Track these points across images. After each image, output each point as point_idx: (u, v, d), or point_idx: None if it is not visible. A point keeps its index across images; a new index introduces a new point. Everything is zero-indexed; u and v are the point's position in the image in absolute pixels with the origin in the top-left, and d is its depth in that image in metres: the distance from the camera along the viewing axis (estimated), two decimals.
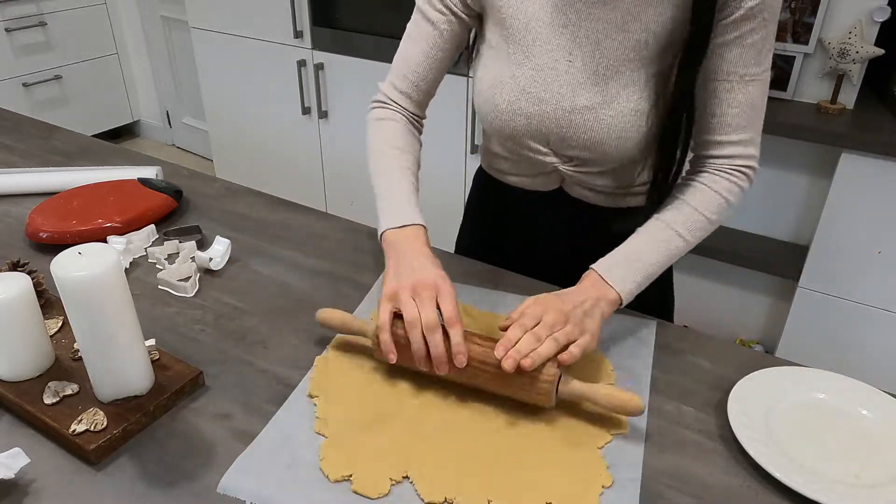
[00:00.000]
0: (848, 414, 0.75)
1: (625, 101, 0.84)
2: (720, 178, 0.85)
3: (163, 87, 3.62)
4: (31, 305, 0.74)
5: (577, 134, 0.87)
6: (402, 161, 0.93)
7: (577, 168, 0.92)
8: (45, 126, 1.55)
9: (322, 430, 0.72)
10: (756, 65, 0.80)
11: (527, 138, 0.90)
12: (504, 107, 0.89)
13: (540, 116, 0.87)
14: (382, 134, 0.98)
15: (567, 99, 0.85)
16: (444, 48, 0.94)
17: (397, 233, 0.85)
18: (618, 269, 0.82)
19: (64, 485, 0.66)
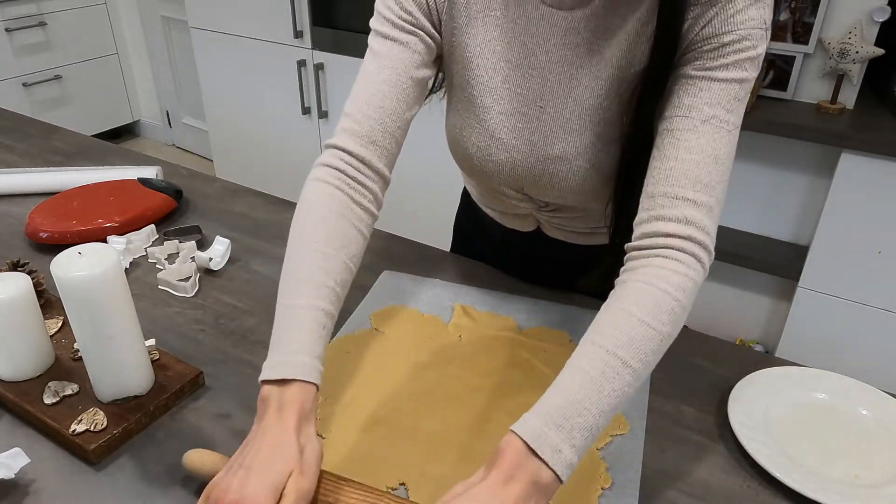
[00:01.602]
0: (848, 414, 0.75)
1: (602, 151, 0.76)
2: (668, 272, 0.62)
3: (163, 87, 3.62)
4: (31, 305, 0.74)
5: (550, 183, 0.80)
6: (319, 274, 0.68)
7: (553, 213, 0.87)
8: (45, 126, 1.55)
9: (320, 430, 0.72)
10: (726, 111, 0.66)
11: (500, 184, 0.84)
12: (473, 151, 0.82)
13: (511, 164, 0.80)
14: (312, 214, 0.71)
15: (539, 147, 0.78)
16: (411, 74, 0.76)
17: (272, 389, 0.61)
18: (548, 432, 0.56)
19: (64, 485, 0.66)
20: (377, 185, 0.75)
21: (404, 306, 0.92)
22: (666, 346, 0.62)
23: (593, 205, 0.82)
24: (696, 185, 0.64)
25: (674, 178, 0.65)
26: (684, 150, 0.66)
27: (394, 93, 0.75)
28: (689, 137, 0.66)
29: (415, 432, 0.72)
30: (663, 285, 0.62)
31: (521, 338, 0.86)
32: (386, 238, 1.09)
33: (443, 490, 0.64)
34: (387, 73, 0.76)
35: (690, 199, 0.64)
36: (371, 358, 0.83)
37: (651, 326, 0.60)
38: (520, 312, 0.91)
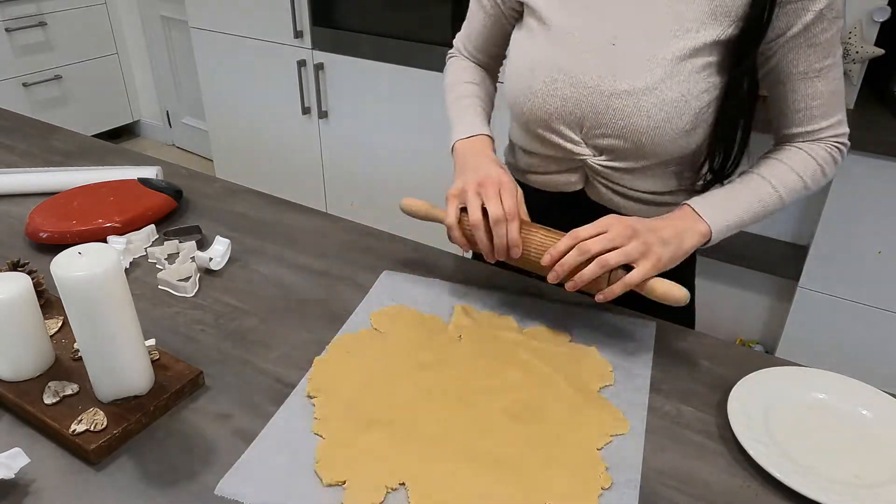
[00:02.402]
0: (848, 414, 0.75)
1: (668, 89, 0.81)
2: (816, 147, 0.86)
3: (163, 87, 3.62)
4: (31, 305, 0.74)
5: (613, 120, 0.84)
6: (471, 90, 1.00)
7: (606, 162, 0.89)
8: (45, 126, 1.55)
9: (320, 430, 0.72)
10: (831, 56, 0.81)
11: (560, 123, 0.88)
12: (539, 87, 0.87)
13: (576, 99, 0.85)
14: (455, 72, 1.04)
15: (606, 82, 0.83)
16: (496, 26, 0.99)
17: (464, 143, 0.93)
18: (712, 208, 0.82)
19: (64, 485, 0.66)
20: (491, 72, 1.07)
21: (404, 306, 0.92)
22: (805, 195, 0.87)
23: (651, 153, 0.86)
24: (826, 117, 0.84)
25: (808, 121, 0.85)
26: (810, 100, 0.83)
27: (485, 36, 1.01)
28: (811, 91, 0.82)
29: (414, 432, 0.72)
30: (813, 154, 0.86)
31: (521, 338, 0.85)
32: (386, 238, 1.09)
33: (443, 489, 0.65)
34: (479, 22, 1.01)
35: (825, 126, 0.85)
36: (371, 358, 0.82)
37: (799, 176, 0.85)
38: (520, 312, 0.91)
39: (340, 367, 0.81)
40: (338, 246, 1.07)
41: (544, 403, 0.75)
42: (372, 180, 2.52)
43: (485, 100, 1.01)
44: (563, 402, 0.75)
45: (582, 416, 0.74)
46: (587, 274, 0.76)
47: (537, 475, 0.67)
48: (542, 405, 0.75)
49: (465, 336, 0.86)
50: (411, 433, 0.71)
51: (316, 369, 0.81)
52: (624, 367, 0.81)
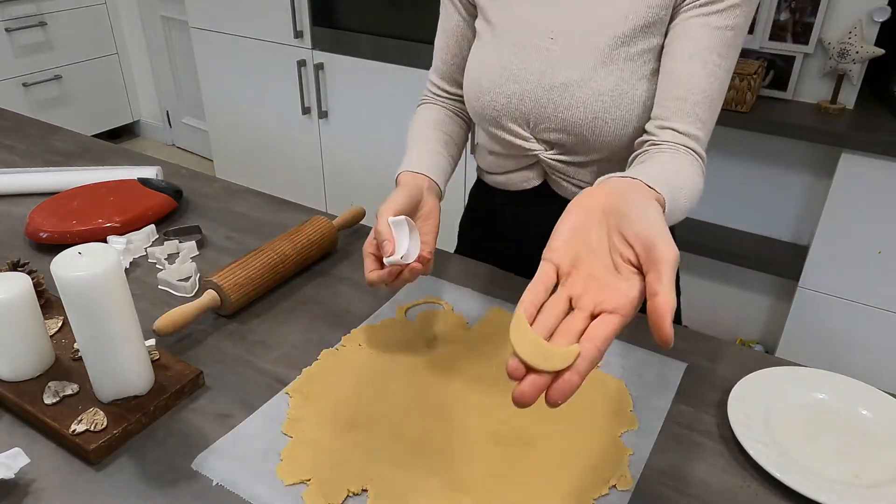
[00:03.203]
0: (848, 414, 0.75)
1: (602, 79, 0.82)
2: (692, 158, 0.78)
3: (163, 87, 3.62)
4: (31, 305, 0.74)
5: (554, 114, 0.85)
6: (425, 133, 0.97)
7: (558, 156, 0.90)
8: (45, 126, 1.55)
9: (289, 430, 0.72)
10: (719, 56, 0.77)
11: (508, 120, 0.90)
12: (487, 85, 0.89)
13: (520, 95, 0.87)
14: (416, 119, 1.01)
15: (546, 76, 0.85)
16: (464, 35, 0.96)
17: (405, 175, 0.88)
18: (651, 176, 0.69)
19: (64, 485, 0.66)
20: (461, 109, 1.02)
21: (432, 296, 0.94)
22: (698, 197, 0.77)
23: (596, 145, 0.85)
24: (697, 123, 0.78)
25: (680, 114, 0.78)
26: (686, 90, 0.78)
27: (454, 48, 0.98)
28: (688, 79, 0.78)
29: (394, 439, 0.70)
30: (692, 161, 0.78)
31: None
32: None
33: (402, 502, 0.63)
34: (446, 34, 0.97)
35: (692, 134, 0.78)
36: (376, 357, 0.82)
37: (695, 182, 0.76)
38: None
39: (340, 366, 0.81)
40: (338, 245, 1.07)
41: (539, 434, 0.71)
42: (372, 180, 2.52)
43: (435, 139, 0.95)
44: (563, 436, 0.71)
45: (581, 458, 0.69)
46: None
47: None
48: (536, 435, 0.71)
49: (481, 343, 0.85)
50: (390, 440, 0.70)
51: (317, 364, 0.81)
52: (642, 403, 0.76)
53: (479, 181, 1.09)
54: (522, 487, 0.65)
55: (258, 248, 0.95)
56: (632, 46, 0.81)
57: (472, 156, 1.09)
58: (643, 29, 0.81)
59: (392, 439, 0.71)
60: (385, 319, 0.90)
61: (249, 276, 0.90)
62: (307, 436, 0.71)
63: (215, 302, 0.88)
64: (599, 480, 0.66)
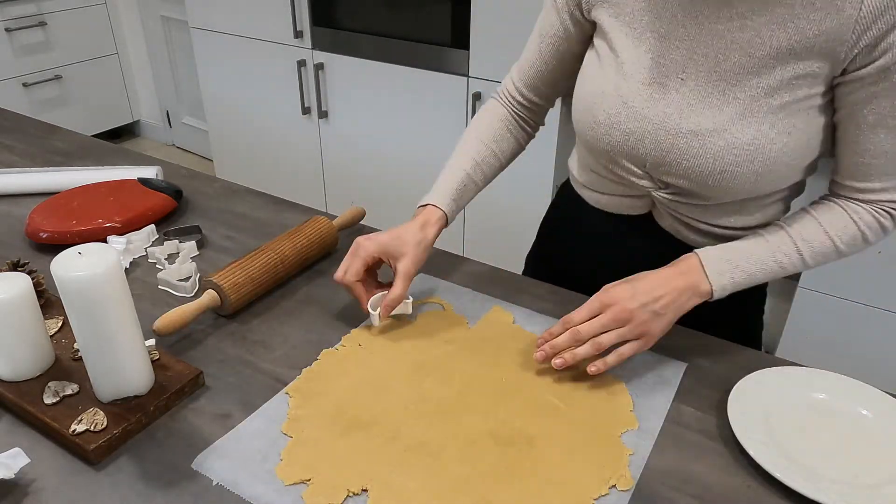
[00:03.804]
0: (848, 414, 0.75)
1: (738, 131, 0.75)
2: (861, 210, 0.78)
3: (163, 87, 3.62)
4: (31, 305, 0.74)
5: (677, 160, 0.79)
6: (470, 148, 0.94)
7: (673, 196, 0.84)
8: (46, 126, 1.55)
9: (289, 430, 0.72)
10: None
11: (622, 157, 0.83)
12: (603, 119, 0.82)
13: (639, 135, 0.80)
14: (474, 124, 0.98)
15: (672, 120, 0.78)
16: (562, 46, 0.90)
17: (417, 211, 0.91)
18: (720, 262, 0.77)
19: (64, 485, 0.66)
20: (525, 121, 0.99)
21: (434, 297, 0.94)
22: (837, 258, 0.79)
23: (718, 195, 0.80)
24: (887, 177, 0.76)
25: (867, 176, 0.77)
26: (875, 155, 0.75)
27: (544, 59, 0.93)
28: (878, 146, 0.74)
29: (394, 439, 0.70)
30: (856, 217, 0.78)
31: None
32: None
33: (402, 502, 0.63)
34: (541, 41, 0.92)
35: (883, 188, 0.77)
36: (377, 356, 0.83)
37: (832, 241, 0.78)
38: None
39: (340, 366, 0.81)
40: (338, 245, 1.07)
41: (539, 434, 0.71)
42: (372, 180, 2.52)
43: (477, 160, 0.93)
44: (563, 436, 0.71)
45: (581, 458, 0.69)
46: (581, 353, 0.75)
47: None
48: (536, 435, 0.71)
49: (481, 343, 0.85)
50: (391, 441, 0.70)
51: (318, 363, 0.81)
52: (642, 403, 0.76)
53: (570, 188, 1.01)
54: (522, 487, 0.65)
55: (258, 248, 0.95)
56: (775, 99, 0.74)
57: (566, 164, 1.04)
58: (790, 81, 0.73)
59: (392, 439, 0.70)
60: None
61: (249, 276, 0.90)
62: (307, 436, 0.71)
63: (215, 302, 0.88)
64: (599, 480, 0.66)
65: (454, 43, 2.09)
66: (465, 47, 2.06)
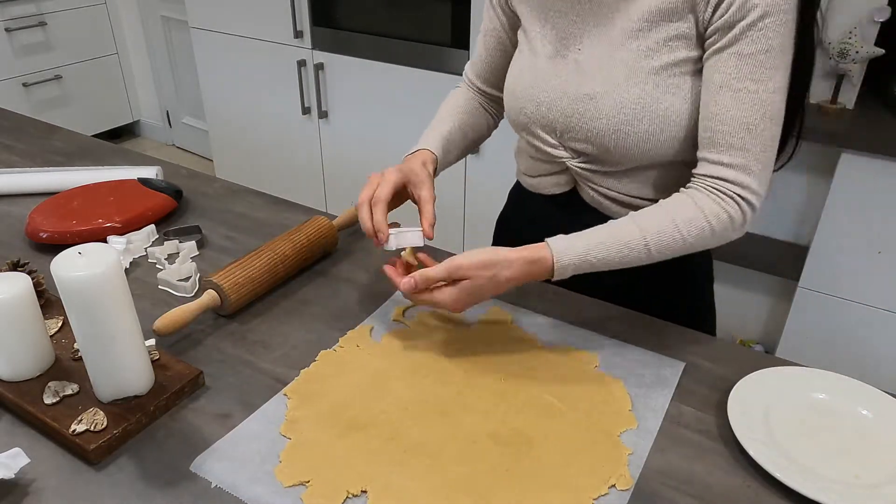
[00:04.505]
0: (848, 414, 0.75)
1: (625, 91, 0.82)
2: (707, 198, 0.79)
3: (163, 87, 3.62)
4: (31, 305, 0.74)
5: (578, 124, 0.86)
6: (448, 112, 1.03)
7: (585, 165, 0.90)
8: (46, 126, 1.55)
9: (287, 432, 0.71)
10: (758, 82, 0.74)
11: (537, 127, 0.92)
12: (519, 93, 0.92)
13: (548, 103, 0.89)
14: (447, 101, 1.06)
15: (572, 86, 0.86)
16: (500, 39, 1.00)
17: (408, 157, 0.95)
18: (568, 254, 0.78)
19: (64, 485, 0.66)
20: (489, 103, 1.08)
21: None
22: (686, 251, 0.80)
23: (619, 156, 0.86)
24: (730, 151, 0.78)
25: (710, 145, 0.79)
26: (718, 121, 0.77)
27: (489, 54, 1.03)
28: (720, 112, 0.77)
29: (393, 440, 0.70)
30: (702, 206, 0.79)
31: (540, 358, 0.82)
32: None
33: (403, 502, 0.63)
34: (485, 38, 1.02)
35: (725, 162, 0.78)
36: (376, 356, 0.82)
37: (681, 233, 0.78)
38: (548, 333, 0.87)
39: (339, 366, 0.81)
40: (338, 245, 1.07)
41: (538, 434, 0.71)
42: None
43: (455, 121, 1.01)
44: (562, 436, 0.71)
45: (580, 457, 0.69)
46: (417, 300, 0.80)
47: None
48: (535, 435, 0.71)
49: (480, 343, 0.85)
50: (389, 442, 0.70)
51: (315, 364, 0.81)
52: (641, 402, 0.76)
53: (517, 183, 1.10)
54: (522, 488, 0.65)
55: (258, 248, 0.95)
56: (655, 60, 0.81)
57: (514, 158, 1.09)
58: (665, 42, 0.80)
59: (391, 440, 0.70)
60: (384, 320, 0.89)
61: (249, 276, 0.90)
62: (306, 437, 0.71)
63: (215, 302, 0.88)
64: (599, 480, 0.66)
65: (454, 43, 2.09)
66: (465, 47, 2.06)
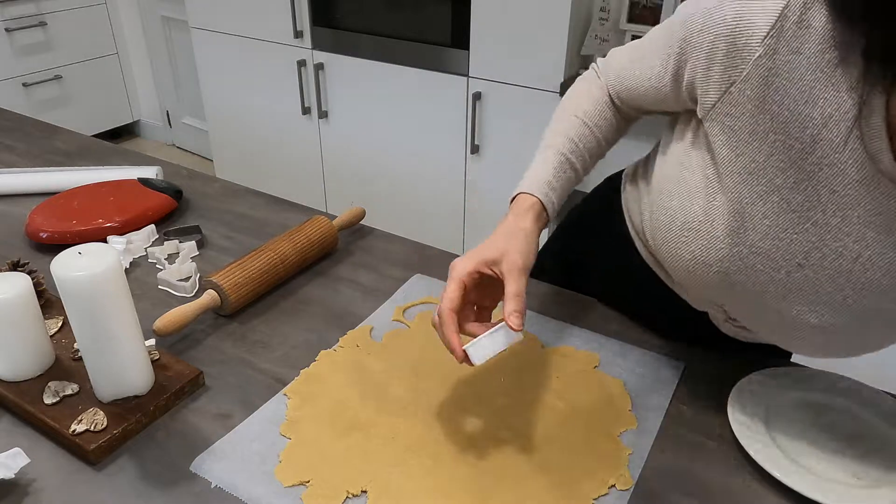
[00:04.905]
0: (848, 414, 0.75)
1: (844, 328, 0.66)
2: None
3: (163, 87, 3.62)
4: (31, 305, 0.74)
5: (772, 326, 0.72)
6: (574, 130, 0.81)
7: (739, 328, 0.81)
8: (46, 126, 1.55)
9: (287, 432, 0.71)
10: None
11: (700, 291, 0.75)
12: (701, 258, 0.69)
13: (732, 299, 0.72)
14: (576, 96, 0.84)
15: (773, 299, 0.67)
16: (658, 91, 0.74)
17: (511, 204, 0.77)
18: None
19: (64, 485, 0.66)
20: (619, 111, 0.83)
21: (432, 297, 0.93)
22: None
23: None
24: None
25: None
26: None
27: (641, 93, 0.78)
28: None
29: (393, 440, 0.70)
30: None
31: (539, 358, 0.82)
32: (387, 238, 1.09)
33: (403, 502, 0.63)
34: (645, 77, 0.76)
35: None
36: (376, 356, 0.82)
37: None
38: (547, 333, 0.87)
39: (339, 366, 0.81)
40: (338, 245, 1.07)
41: (538, 434, 0.71)
42: (372, 180, 2.52)
43: (576, 143, 0.80)
44: (562, 436, 0.71)
45: (580, 457, 0.69)
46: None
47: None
48: (535, 435, 0.71)
49: None
50: (387, 442, 0.70)
51: (315, 365, 0.81)
52: (641, 402, 0.76)
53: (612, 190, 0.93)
54: (521, 488, 0.65)
55: (258, 248, 0.95)
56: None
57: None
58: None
59: (391, 440, 0.70)
60: (383, 320, 0.90)
61: (249, 276, 0.90)
62: (306, 437, 0.71)
63: (215, 302, 0.88)
64: (599, 480, 0.66)
65: (454, 43, 2.09)
66: (465, 47, 2.06)
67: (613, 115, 0.83)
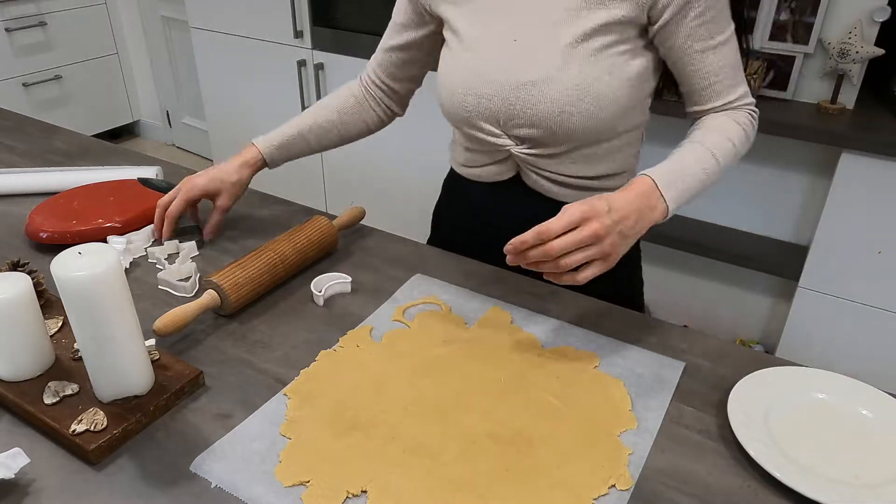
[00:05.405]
0: (848, 414, 0.75)
1: (566, 75, 0.87)
2: (736, 113, 0.90)
3: (163, 87, 3.62)
4: (31, 305, 0.74)
5: (522, 110, 0.90)
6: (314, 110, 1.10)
7: (528, 150, 0.95)
8: (46, 126, 1.55)
9: (287, 432, 0.71)
10: (718, 33, 0.86)
11: (479, 119, 0.95)
12: (458, 88, 0.95)
13: (489, 95, 0.92)
14: (328, 96, 1.13)
15: (513, 76, 0.90)
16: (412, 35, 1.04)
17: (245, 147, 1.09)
18: (671, 187, 0.82)
19: (64, 485, 0.66)
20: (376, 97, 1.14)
21: (433, 297, 0.94)
22: (736, 160, 0.89)
23: (564, 137, 0.91)
24: (730, 90, 0.90)
25: (715, 97, 0.90)
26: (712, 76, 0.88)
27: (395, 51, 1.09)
28: (707, 68, 0.88)
29: (393, 440, 0.70)
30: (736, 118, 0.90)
31: (539, 358, 0.82)
32: (386, 238, 1.09)
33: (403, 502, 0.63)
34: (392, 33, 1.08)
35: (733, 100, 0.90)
36: (376, 356, 0.82)
37: (731, 142, 0.88)
38: (547, 332, 0.87)
39: (339, 366, 0.81)
40: (338, 245, 1.07)
41: (538, 434, 0.71)
42: (372, 180, 2.52)
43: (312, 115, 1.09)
44: (562, 436, 0.71)
45: (580, 457, 0.69)
46: (545, 268, 0.76)
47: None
48: (535, 435, 0.71)
49: (480, 343, 0.85)
50: (387, 441, 0.70)
51: (315, 365, 0.81)
52: (641, 402, 0.76)
53: (452, 172, 1.12)
54: (521, 487, 0.65)
55: (258, 248, 0.95)
56: (590, 43, 0.87)
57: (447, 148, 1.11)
58: (598, 29, 0.86)
59: (391, 440, 0.70)
60: (383, 320, 0.90)
61: (249, 276, 0.90)
62: (306, 437, 0.71)
63: (215, 302, 0.88)
64: (599, 480, 0.66)
65: None
66: None
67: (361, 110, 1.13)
